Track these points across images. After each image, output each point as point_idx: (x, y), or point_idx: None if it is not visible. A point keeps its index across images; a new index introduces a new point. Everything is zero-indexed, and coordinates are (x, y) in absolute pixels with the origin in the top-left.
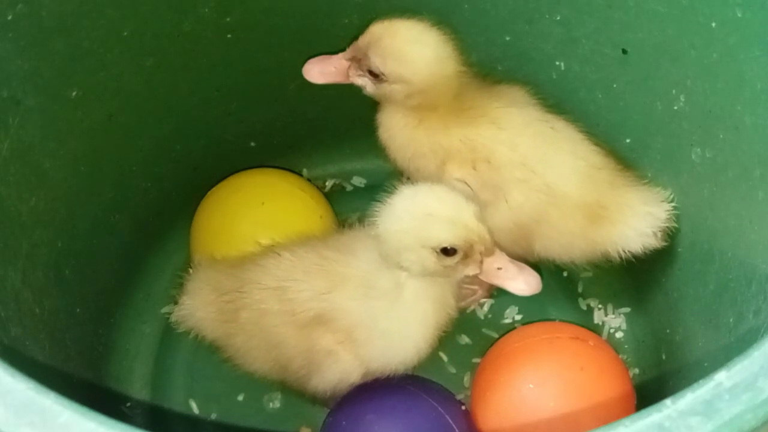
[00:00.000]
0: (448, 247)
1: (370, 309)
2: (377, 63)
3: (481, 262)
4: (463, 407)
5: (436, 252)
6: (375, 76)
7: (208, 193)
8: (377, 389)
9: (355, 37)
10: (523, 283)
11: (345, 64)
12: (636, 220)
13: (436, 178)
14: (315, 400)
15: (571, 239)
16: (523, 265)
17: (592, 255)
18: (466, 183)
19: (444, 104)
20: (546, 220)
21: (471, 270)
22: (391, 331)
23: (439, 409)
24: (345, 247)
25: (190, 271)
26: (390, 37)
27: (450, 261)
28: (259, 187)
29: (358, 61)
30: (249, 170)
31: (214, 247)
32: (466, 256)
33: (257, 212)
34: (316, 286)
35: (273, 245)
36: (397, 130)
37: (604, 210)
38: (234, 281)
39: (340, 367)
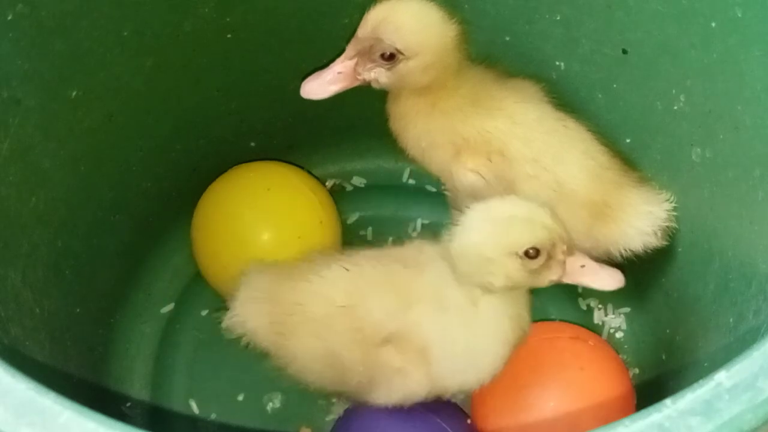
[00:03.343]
0: (531, 250)
1: (445, 327)
2: (393, 39)
3: (564, 262)
4: (468, 421)
5: (520, 256)
6: (389, 59)
7: (215, 181)
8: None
9: None
10: (608, 278)
11: (350, 63)
12: (637, 219)
13: (449, 169)
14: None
15: (575, 237)
16: (601, 263)
17: (595, 254)
18: (479, 174)
19: (452, 83)
20: None
21: (555, 273)
22: (469, 350)
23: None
24: (410, 260)
25: (242, 276)
26: (395, 14)
27: (535, 264)
28: (268, 175)
29: (366, 54)
30: (262, 161)
31: (217, 233)
32: (550, 257)
33: (263, 198)
34: (386, 304)
35: (330, 254)
36: (410, 119)
37: (608, 209)
38: (292, 293)
39: (409, 386)
